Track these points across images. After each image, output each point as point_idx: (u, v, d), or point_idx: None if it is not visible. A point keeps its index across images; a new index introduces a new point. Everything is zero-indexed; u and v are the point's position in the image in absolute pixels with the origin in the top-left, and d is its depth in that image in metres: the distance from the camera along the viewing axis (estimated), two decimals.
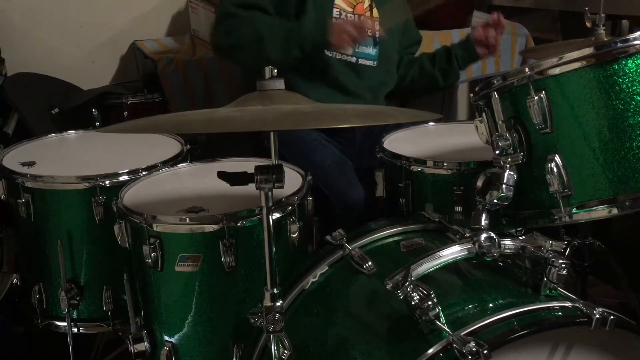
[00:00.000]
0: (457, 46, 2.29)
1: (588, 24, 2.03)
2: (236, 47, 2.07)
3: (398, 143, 1.97)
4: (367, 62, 2.21)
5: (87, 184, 1.78)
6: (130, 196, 1.71)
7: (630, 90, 1.32)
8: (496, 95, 1.47)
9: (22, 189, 1.82)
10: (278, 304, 1.28)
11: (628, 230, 2.67)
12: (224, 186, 1.30)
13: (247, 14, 2.06)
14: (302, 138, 2.12)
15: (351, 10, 2.19)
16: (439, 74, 2.31)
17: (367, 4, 2.22)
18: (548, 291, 1.32)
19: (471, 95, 1.56)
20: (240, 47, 2.06)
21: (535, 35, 2.93)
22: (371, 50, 2.22)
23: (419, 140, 2.00)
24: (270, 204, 1.27)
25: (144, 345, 1.64)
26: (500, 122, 1.47)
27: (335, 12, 2.16)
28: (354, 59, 2.19)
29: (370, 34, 2.15)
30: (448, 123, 2.31)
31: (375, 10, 2.23)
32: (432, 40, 2.76)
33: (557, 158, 1.38)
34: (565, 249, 1.75)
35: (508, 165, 1.44)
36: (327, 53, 2.14)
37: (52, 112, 2.53)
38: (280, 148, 1.34)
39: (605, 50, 1.33)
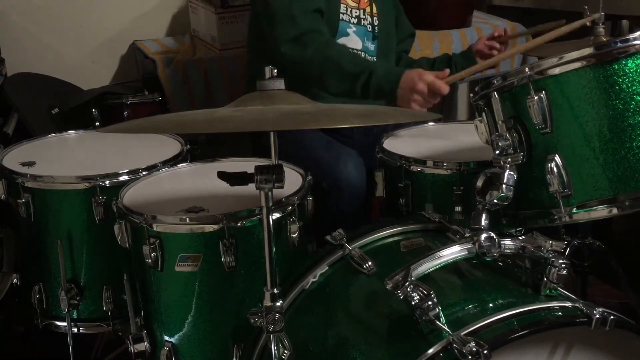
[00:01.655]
0: (458, 55, 2.29)
1: (587, 24, 2.03)
2: (301, 63, 1.96)
3: (398, 143, 1.97)
4: (367, 57, 2.20)
5: (87, 184, 1.78)
6: (130, 196, 1.71)
7: (630, 90, 1.32)
8: (496, 95, 1.47)
9: (22, 189, 1.82)
10: (278, 304, 1.28)
11: (628, 230, 2.67)
12: (224, 186, 1.30)
13: (310, 25, 1.97)
14: (295, 133, 2.11)
15: (356, 5, 2.18)
16: None
17: None
18: (548, 291, 1.32)
19: (471, 95, 1.56)
20: (304, 64, 1.96)
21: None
22: (370, 45, 2.21)
23: (419, 140, 2.00)
24: (270, 204, 1.27)
25: (144, 345, 1.64)
26: (500, 122, 1.47)
27: (342, 7, 2.15)
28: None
29: (439, 99, 1.90)
30: (448, 123, 2.31)
31: (374, 5, 2.23)
32: (432, 40, 2.76)
33: (557, 158, 1.38)
34: (565, 249, 1.75)
35: (508, 165, 1.44)
36: None
37: (52, 112, 2.52)
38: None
39: (605, 50, 1.33)
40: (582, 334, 1.26)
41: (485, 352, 1.14)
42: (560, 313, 1.27)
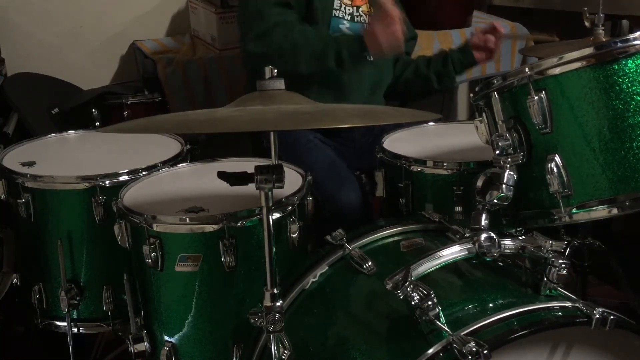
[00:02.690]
0: (454, 50, 2.29)
1: (587, 24, 2.03)
2: (269, 56, 1.98)
3: (398, 143, 1.97)
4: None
5: (87, 184, 1.78)
6: (130, 196, 1.71)
7: (630, 90, 1.32)
8: (496, 95, 1.47)
9: (22, 189, 1.82)
10: (278, 304, 1.28)
11: (628, 230, 2.67)
12: (224, 186, 1.30)
13: (277, 18, 2.02)
14: (296, 139, 2.11)
15: (349, 2, 2.19)
16: (433, 76, 2.30)
17: None
18: (548, 291, 1.32)
19: (471, 95, 1.56)
20: (272, 56, 1.99)
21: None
22: None
23: (419, 140, 2.00)
24: (270, 204, 1.27)
25: (144, 345, 1.64)
26: (500, 122, 1.47)
27: (336, 3, 2.16)
28: None
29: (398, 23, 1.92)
30: (448, 123, 2.31)
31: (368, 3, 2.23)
32: (432, 40, 2.76)
33: (557, 158, 1.38)
34: (565, 249, 1.74)
35: (508, 165, 1.44)
36: None
37: (52, 112, 2.53)
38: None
39: (605, 50, 1.33)
40: (582, 334, 1.26)
41: (485, 352, 1.14)
42: (560, 313, 1.27)
